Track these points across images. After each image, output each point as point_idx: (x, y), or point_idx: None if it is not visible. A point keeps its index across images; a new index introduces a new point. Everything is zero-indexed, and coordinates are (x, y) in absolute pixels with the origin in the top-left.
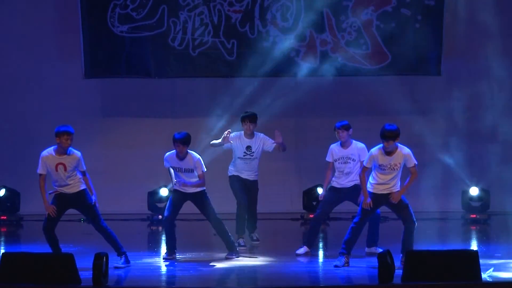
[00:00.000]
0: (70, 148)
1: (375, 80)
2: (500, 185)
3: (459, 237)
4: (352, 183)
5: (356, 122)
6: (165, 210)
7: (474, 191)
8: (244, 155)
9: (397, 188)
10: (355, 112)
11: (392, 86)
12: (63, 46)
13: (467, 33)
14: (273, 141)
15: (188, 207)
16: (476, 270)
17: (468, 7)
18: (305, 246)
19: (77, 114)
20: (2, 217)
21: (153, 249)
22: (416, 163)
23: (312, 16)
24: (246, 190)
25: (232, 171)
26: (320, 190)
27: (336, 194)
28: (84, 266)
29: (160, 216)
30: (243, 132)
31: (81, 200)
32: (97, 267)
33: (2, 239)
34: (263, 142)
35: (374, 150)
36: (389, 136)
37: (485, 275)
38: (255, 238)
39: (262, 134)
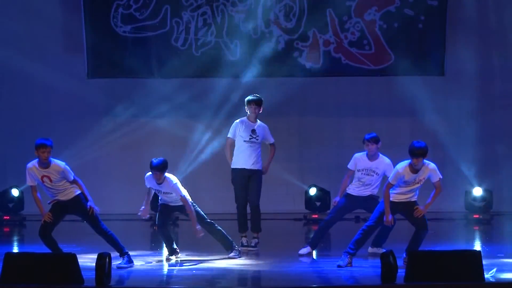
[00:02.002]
0: (50, 160)
1: (378, 80)
2: (503, 185)
3: (462, 237)
4: (368, 193)
5: (358, 122)
6: (156, 220)
7: (477, 191)
8: (250, 138)
9: (415, 197)
10: (358, 112)
11: (395, 86)
12: (66, 46)
13: (470, 33)
14: (272, 140)
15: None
16: (479, 270)
17: (471, 8)
18: (308, 246)
19: (81, 114)
20: (5, 217)
21: (156, 249)
22: (441, 177)
23: (315, 16)
24: (247, 185)
25: (235, 162)
26: (313, 191)
27: (351, 202)
28: (87, 266)
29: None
30: (246, 117)
31: (77, 206)
32: (100, 267)
33: (8, 238)
34: (265, 132)
35: (401, 167)
36: (419, 154)
37: (488, 275)
38: (253, 244)
39: (266, 125)
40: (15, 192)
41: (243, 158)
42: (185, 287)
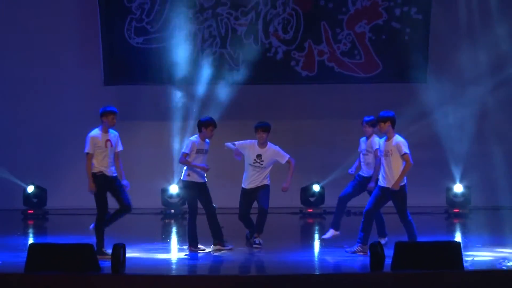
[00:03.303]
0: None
1: (368, 87)
2: (480, 182)
3: (443, 229)
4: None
5: (349, 125)
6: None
7: (458, 188)
8: (253, 162)
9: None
10: (349, 116)
11: (383, 92)
12: (84, 56)
13: (452, 44)
14: (287, 158)
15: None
16: (459, 259)
17: (452, 21)
18: (332, 229)
19: (97, 118)
20: (29, 211)
21: (166, 240)
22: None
23: (310, 29)
24: (250, 202)
25: (243, 182)
26: (316, 188)
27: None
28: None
29: (172, 211)
30: (257, 141)
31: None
32: (116, 257)
33: (32, 230)
34: (275, 155)
35: None
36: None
37: (467, 264)
38: (257, 242)
39: (277, 147)
40: (38, 189)
41: (247, 180)
42: (191, 274)
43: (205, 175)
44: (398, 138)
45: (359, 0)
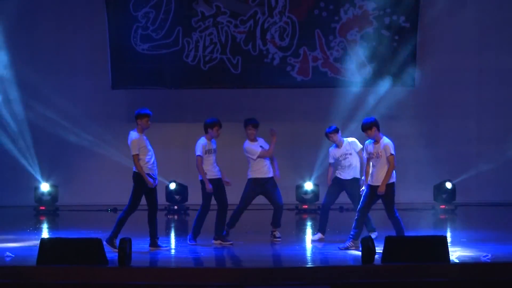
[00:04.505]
0: None
1: (359, 91)
2: (467, 179)
3: (430, 224)
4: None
5: (343, 127)
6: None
7: (448, 185)
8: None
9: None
10: (342, 118)
11: (373, 96)
12: (93, 62)
13: (438, 50)
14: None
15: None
16: (445, 252)
17: (438, 29)
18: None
19: (106, 120)
20: (41, 208)
21: (169, 234)
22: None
23: (305, 36)
24: (261, 193)
25: (250, 173)
26: (310, 186)
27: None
28: (110, 250)
29: (175, 207)
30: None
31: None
32: (122, 250)
33: (44, 226)
34: (263, 143)
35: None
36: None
37: (452, 257)
38: (278, 236)
39: (261, 139)
40: (51, 186)
41: (255, 171)
42: (191, 266)
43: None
44: (385, 140)
45: (350, 10)
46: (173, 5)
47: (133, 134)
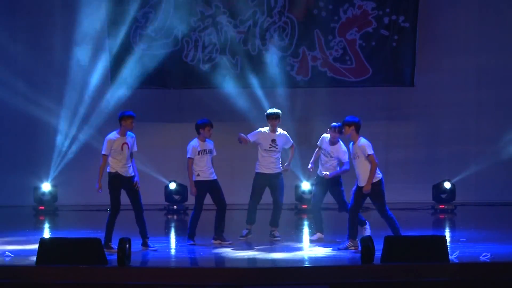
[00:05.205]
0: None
1: (358, 90)
2: (465, 180)
3: (430, 224)
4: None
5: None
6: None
7: (444, 185)
8: (270, 147)
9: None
10: (341, 118)
11: (373, 96)
12: (93, 62)
13: (437, 50)
14: (291, 143)
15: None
16: (444, 252)
17: (437, 29)
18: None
19: (106, 119)
20: (40, 207)
21: (169, 234)
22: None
23: (304, 36)
24: (268, 188)
25: (258, 167)
26: (307, 185)
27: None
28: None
29: (175, 207)
30: (268, 127)
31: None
32: (122, 250)
33: (43, 226)
34: (285, 140)
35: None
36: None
37: (452, 257)
38: (277, 235)
39: (286, 133)
40: (50, 186)
41: (263, 166)
42: (189, 267)
43: (214, 172)
44: (361, 141)
45: (350, 10)
46: (173, 5)
47: (112, 134)
